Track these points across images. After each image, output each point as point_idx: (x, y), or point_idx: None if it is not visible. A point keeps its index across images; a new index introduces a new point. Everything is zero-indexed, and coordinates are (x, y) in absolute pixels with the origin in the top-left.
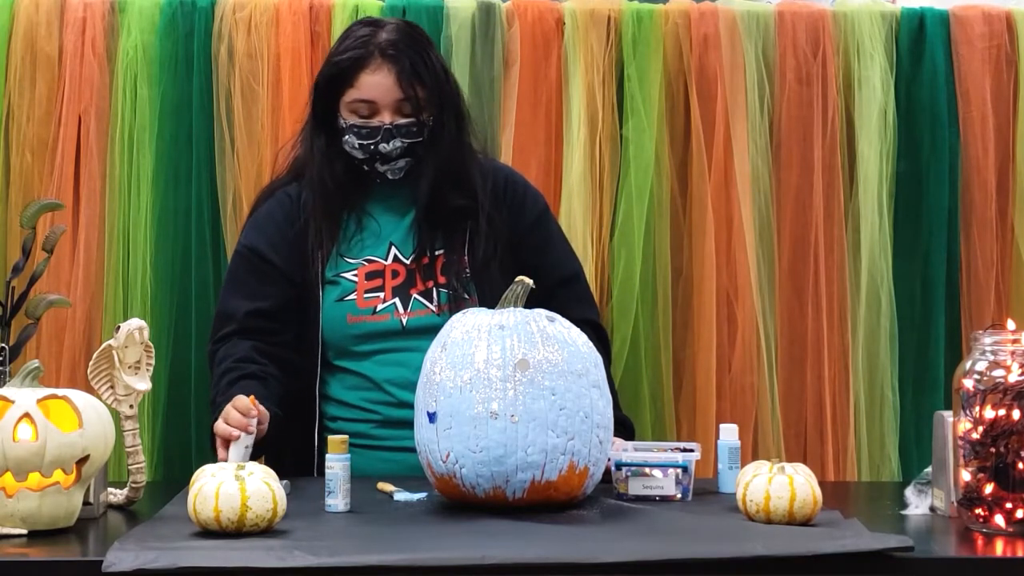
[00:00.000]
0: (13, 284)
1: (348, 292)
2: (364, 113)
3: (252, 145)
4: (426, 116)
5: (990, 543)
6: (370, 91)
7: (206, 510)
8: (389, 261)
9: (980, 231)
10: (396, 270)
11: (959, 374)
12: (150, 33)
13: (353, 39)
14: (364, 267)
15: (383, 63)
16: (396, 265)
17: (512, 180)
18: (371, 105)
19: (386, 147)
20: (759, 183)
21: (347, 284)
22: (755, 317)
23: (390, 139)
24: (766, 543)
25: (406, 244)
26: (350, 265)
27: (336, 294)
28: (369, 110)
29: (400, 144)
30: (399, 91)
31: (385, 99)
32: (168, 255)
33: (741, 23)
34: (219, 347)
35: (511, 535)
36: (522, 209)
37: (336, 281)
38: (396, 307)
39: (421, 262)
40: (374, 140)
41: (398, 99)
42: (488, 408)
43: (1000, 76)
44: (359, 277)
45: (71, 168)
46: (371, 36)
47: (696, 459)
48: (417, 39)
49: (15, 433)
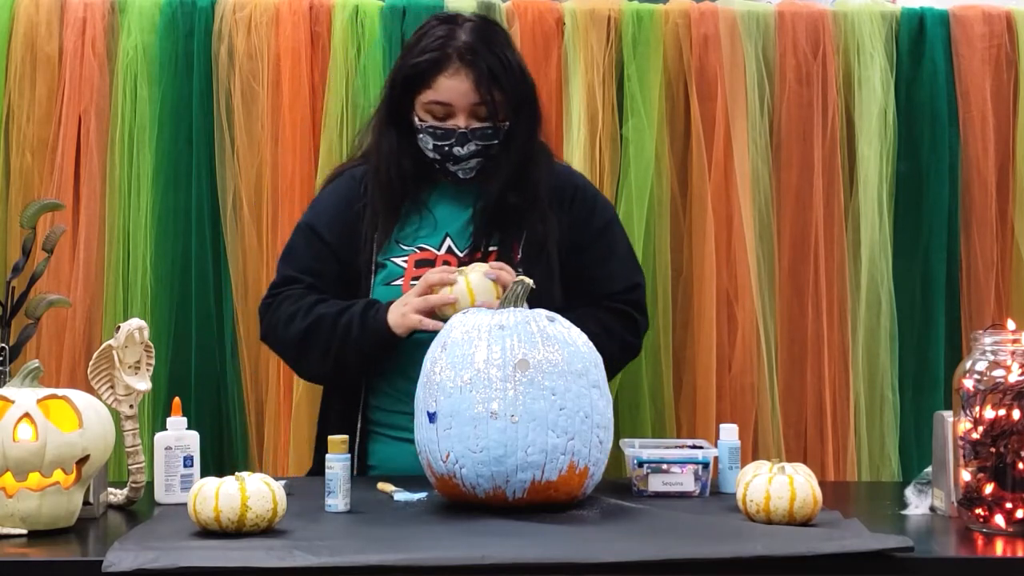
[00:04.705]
0: (13, 284)
1: (395, 277)
2: (440, 115)
3: (252, 145)
4: (501, 119)
5: (990, 543)
6: (447, 94)
7: (206, 510)
8: (442, 252)
9: (980, 231)
10: (447, 261)
11: (959, 374)
12: (150, 33)
13: (431, 39)
14: (415, 255)
15: (461, 67)
16: (448, 256)
17: (583, 188)
18: (447, 108)
19: (460, 151)
20: (759, 183)
21: (395, 269)
22: (755, 317)
23: (465, 143)
24: (766, 543)
25: (462, 237)
26: (402, 251)
27: (383, 277)
28: (445, 112)
29: (475, 148)
30: (476, 96)
31: (461, 103)
32: (168, 255)
33: (741, 23)
34: (276, 297)
35: (511, 535)
36: (590, 218)
37: (384, 264)
38: None
39: (474, 256)
40: (448, 142)
41: (474, 103)
42: (488, 408)
43: (1000, 76)
44: (408, 264)
45: (71, 168)
46: (449, 37)
47: (715, 455)
48: (495, 40)
49: (15, 433)
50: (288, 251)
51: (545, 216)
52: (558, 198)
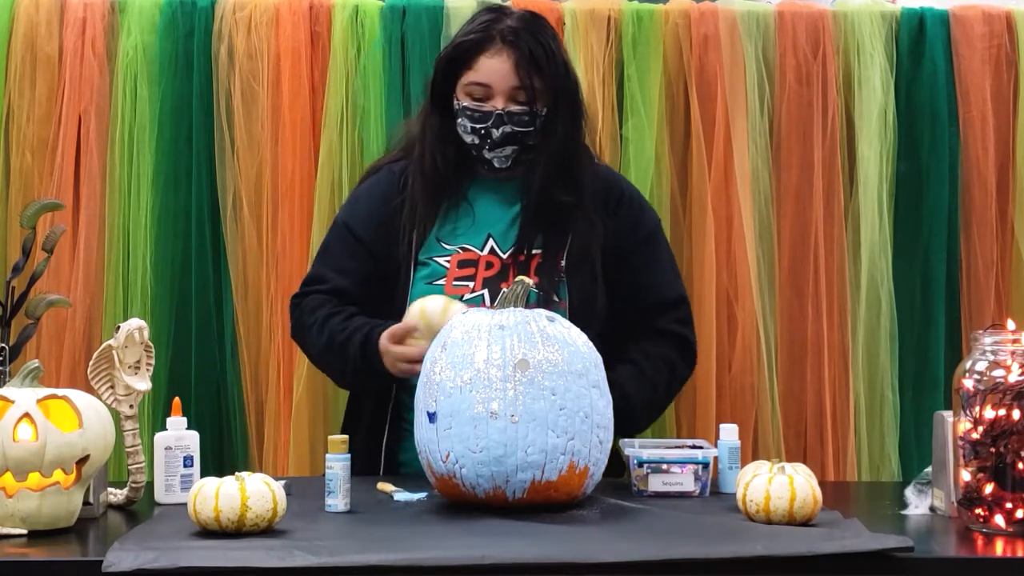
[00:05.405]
0: (13, 284)
1: (438, 276)
2: (479, 96)
3: (252, 145)
4: (540, 107)
5: (990, 543)
6: (487, 75)
7: (206, 510)
8: (485, 252)
9: (980, 231)
10: (491, 262)
11: (959, 374)
12: (150, 33)
13: (477, 23)
14: (458, 255)
15: (503, 48)
16: (491, 257)
17: (629, 195)
18: (486, 89)
19: (496, 132)
20: (759, 183)
21: (438, 268)
22: (755, 317)
23: (500, 125)
24: (766, 543)
25: (506, 238)
26: (445, 251)
27: (425, 276)
28: (484, 94)
29: (510, 131)
30: (515, 78)
31: (501, 84)
32: (168, 255)
33: (741, 23)
34: (303, 299)
35: (511, 535)
36: (636, 225)
37: (427, 263)
38: (484, 299)
39: (517, 258)
40: (485, 124)
41: (513, 86)
42: (488, 408)
43: (1000, 76)
44: (451, 264)
45: (71, 168)
46: (494, 21)
47: (714, 455)
48: (541, 29)
49: (15, 433)
50: (324, 248)
51: (591, 219)
52: (603, 200)
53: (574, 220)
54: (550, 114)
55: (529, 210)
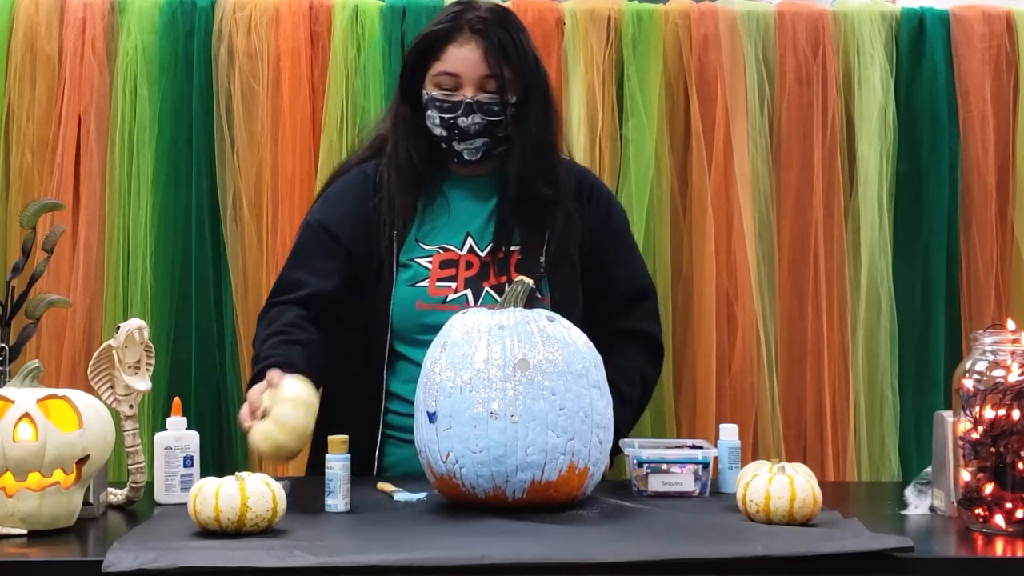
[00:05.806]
0: (13, 284)
1: (420, 278)
2: (448, 86)
3: (252, 145)
4: (510, 96)
5: (990, 543)
6: (455, 64)
7: (206, 510)
8: (464, 251)
9: (980, 231)
10: (470, 261)
11: (959, 374)
12: (150, 33)
13: (446, 14)
14: (439, 255)
15: (471, 37)
16: (471, 256)
17: (598, 188)
18: (455, 79)
19: (465, 121)
20: (759, 183)
21: (420, 270)
22: (755, 317)
23: (470, 113)
24: (766, 543)
25: (483, 235)
26: (425, 252)
27: (408, 278)
28: (453, 84)
29: (479, 121)
30: (484, 67)
31: (469, 74)
32: (168, 255)
33: (741, 23)
34: (272, 309)
35: (511, 535)
36: (607, 218)
37: (409, 265)
38: (467, 299)
39: (496, 256)
40: (454, 115)
41: (482, 75)
42: (488, 408)
43: (1000, 76)
44: (433, 264)
45: (71, 168)
46: (463, 12)
47: (714, 455)
48: (510, 21)
49: (15, 433)
50: (298, 250)
51: (569, 214)
52: (576, 194)
53: (552, 215)
54: (521, 105)
55: (506, 203)
